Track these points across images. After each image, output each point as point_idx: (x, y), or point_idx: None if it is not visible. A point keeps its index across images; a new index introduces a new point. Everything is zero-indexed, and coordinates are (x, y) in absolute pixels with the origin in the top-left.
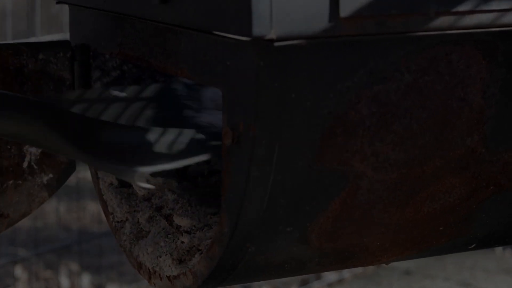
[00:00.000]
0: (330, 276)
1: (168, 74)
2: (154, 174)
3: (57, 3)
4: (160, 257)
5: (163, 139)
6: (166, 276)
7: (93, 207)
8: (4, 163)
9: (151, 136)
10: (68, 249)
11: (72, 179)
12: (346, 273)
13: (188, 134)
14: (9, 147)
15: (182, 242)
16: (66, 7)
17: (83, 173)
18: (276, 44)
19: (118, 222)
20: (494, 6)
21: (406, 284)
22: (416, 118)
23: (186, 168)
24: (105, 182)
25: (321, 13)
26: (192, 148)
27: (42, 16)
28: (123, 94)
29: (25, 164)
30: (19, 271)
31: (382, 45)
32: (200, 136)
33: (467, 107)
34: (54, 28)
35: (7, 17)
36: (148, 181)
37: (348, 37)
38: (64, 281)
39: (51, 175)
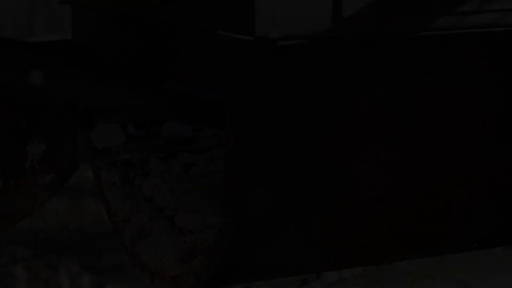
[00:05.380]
0: (330, 276)
1: (170, 73)
2: None
3: (59, 3)
4: (162, 257)
5: None
6: (168, 275)
7: (93, 207)
8: (6, 163)
9: None
10: (68, 249)
11: (72, 179)
12: (346, 273)
13: None
14: (11, 147)
15: (184, 242)
16: (66, 7)
17: (84, 173)
18: (279, 43)
19: (120, 221)
20: (495, 6)
21: (406, 284)
22: (416, 118)
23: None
24: (108, 182)
25: (324, 13)
26: None
27: (42, 16)
28: None
29: (27, 164)
30: (19, 271)
31: (383, 45)
32: None
33: (468, 107)
34: (54, 28)
35: (7, 17)
36: None
37: (351, 37)
38: (64, 281)
39: (53, 175)
